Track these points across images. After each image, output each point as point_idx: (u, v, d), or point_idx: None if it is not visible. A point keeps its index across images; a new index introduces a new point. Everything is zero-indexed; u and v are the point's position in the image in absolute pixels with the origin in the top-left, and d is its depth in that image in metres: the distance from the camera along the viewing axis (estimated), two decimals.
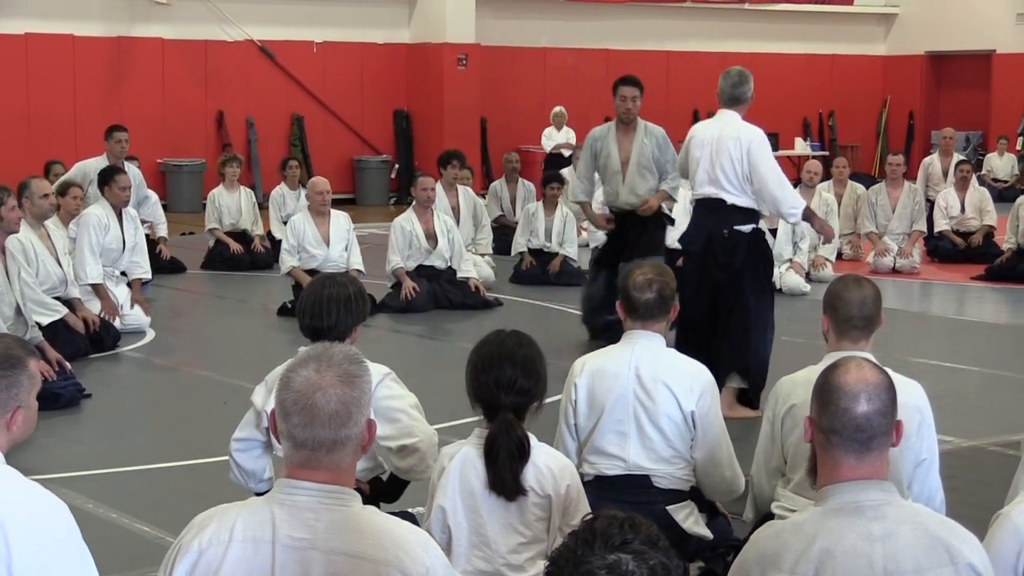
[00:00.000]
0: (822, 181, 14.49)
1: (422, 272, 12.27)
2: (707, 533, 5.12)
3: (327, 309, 4.83)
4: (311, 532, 2.87)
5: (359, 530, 2.87)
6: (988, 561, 3.14)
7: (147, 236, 13.37)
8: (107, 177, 11.20)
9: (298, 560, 2.86)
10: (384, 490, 5.08)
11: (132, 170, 13.14)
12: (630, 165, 10.20)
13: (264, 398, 4.85)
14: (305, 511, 2.89)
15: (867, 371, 3.21)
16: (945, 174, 17.49)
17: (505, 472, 4.06)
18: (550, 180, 14.69)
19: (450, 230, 12.48)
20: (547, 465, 4.13)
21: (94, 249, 10.72)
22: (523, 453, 4.07)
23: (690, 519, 5.08)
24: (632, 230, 10.27)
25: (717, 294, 8.22)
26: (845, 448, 3.15)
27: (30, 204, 9.68)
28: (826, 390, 3.20)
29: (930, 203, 16.08)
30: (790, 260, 13.30)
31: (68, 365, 8.71)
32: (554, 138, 21.41)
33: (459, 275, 12.38)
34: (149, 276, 11.65)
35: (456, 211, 13.48)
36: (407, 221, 12.35)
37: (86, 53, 20.63)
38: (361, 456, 3.00)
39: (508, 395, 4.10)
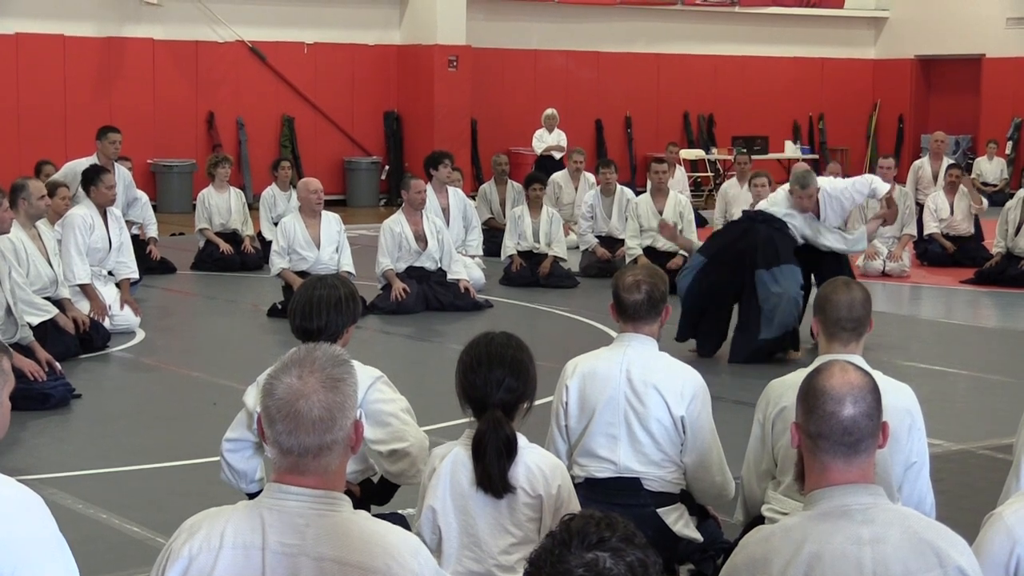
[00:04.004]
0: None
1: (412, 273, 12.26)
2: (697, 535, 5.11)
3: (317, 311, 4.83)
4: (300, 538, 2.86)
5: (348, 536, 2.86)
6: (977, 565, 3.13)
7: (137, 237, 13.37)
8: (92, 177, 11.17)
9: (287, 566, 2.85)
10: (375, 492, 5.08)
11: (122, 171, 13.13)
12: None
13: (256, 399, 4.84)
14: (295, 516, 2.88)
15: (851, 374, 3.21)
16: (935, 178, 17.52)
17: (493, 469, 4.05)
18: (532, 181, 14.69)
19: (440, 231, 12.47)
20: (538, 465, 4.12)
21: (80, 249, 10.69)
22: (511, 450, 4.07)
23: (680, 522, 5.08)
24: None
25: None
26: (833, 452, 3.15)
27: (27, 205, 9.68)
28: (811, 394, 3.21)
29: (920, 207, 16.12)
30: None
31: (58, 365, 8.70)
32: (545, 140, 21.39)
33: (449, 277, 12.38)
34: (136, 276, 11.60)
35: (446, 212, 13.46)
36: (396, 223, 12.35)
37: (77, 53, 20.60)
38: (351, 457, 3.00)
39: (497, 393, 4.11)
